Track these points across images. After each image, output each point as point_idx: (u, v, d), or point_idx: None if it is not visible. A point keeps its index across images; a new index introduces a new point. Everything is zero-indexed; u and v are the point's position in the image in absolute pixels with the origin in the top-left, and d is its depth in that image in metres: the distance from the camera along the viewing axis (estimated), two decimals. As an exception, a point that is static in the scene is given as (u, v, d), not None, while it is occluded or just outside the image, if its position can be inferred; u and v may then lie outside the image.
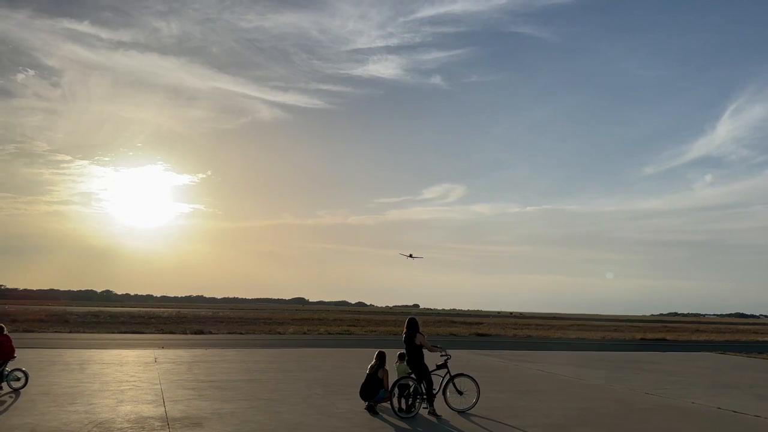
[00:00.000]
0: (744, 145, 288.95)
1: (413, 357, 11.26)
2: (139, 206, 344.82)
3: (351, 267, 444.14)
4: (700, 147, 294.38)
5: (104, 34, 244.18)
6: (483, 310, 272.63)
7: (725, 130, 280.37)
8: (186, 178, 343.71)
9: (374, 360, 11.94)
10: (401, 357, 12.01)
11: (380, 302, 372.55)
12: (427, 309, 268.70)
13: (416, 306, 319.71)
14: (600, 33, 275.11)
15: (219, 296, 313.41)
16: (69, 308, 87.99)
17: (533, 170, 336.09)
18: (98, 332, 35.64)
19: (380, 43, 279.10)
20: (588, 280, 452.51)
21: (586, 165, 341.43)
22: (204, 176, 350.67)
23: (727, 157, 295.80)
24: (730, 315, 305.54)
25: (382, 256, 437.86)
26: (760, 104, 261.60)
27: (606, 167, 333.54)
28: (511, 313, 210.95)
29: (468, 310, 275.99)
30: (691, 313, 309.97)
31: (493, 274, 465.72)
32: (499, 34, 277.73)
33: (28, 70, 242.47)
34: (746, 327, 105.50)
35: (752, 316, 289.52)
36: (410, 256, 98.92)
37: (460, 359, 21.16)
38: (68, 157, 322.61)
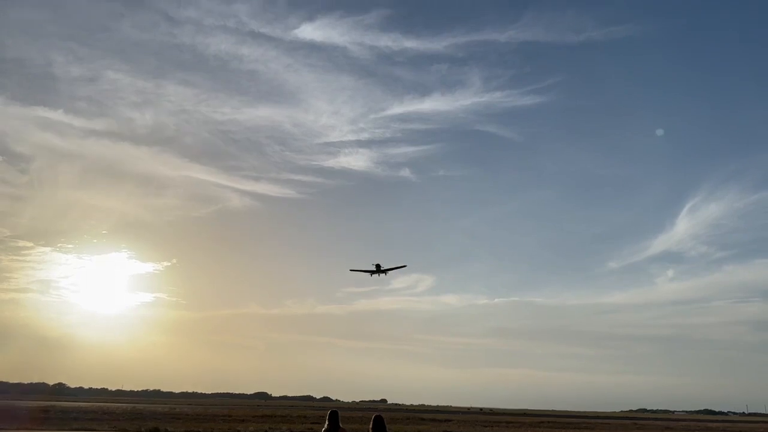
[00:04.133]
0: (702, 242, 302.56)
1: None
2: (100, 294, 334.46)
3: (317, 359, 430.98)
4: (661, 243, 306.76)
5: (77, 122, 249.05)
6: (452, 405, 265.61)
7: (684, 227, 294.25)
8: (150, 266, 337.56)
9: (326, 424, 11.74)
10: None
11: (346, 397, 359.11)
12: (395, 404, 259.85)
13: (384, 401, 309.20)
14: (559, 134, 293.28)
15: (177, 390, 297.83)
16: (17, 403, 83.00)
17: (500, 262, 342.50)
18: (47, 429, 34.27)
19: (352, 137, 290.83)
20: (556, 375, 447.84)
21: (552, 258, 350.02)
22: (169, 264, 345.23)
23: (687, 253, 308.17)
24: (699, 411, 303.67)
25: (350, 347, 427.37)
26: (715, 203, 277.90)
27: (571, 261, 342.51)
28: (480, 409, 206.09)
29: (437, 406, 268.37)
30: (660, 410, 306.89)
31: (463, 367, 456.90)
32: (465, 132, 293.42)
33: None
34: (716, 425, 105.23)
35: (721, 412, 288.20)
36: (378, 270, 79.45)
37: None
38: (30, 244, 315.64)
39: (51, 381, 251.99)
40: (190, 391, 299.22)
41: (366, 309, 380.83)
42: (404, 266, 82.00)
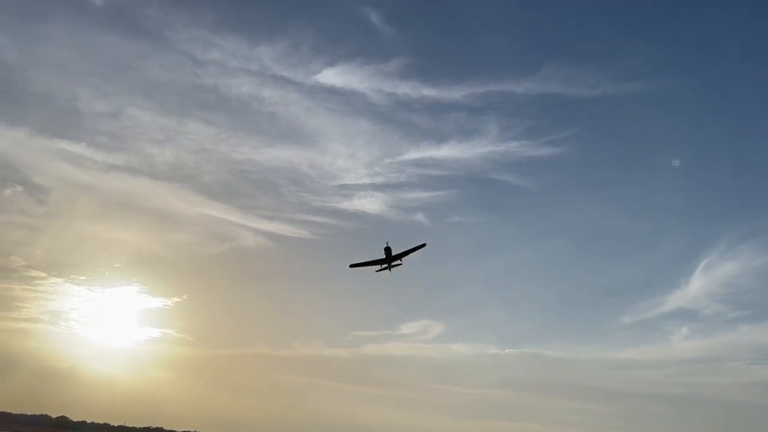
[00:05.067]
0: (717, 301, 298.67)
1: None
2: (108, 328, 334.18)
3: (323, 403, 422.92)
4: (675, 300, 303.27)
5: (98, 156, 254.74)
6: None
7: (698, 285, 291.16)
8: (160, 302, 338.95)
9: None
10: None
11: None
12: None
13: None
14: (574, 185, 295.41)
15: (179, 429, 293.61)
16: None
17: (512, 312, 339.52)
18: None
19: (367, 181, 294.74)
20: (566, 431, 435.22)
21: (564, 310, 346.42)
22: (179, 300, 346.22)
23: (702, 311, 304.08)
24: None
25: (357, 393, 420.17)
26: (731, 262, 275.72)
27: (583, 314, 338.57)
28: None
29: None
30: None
31: (471, 419, 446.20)
32: (480, 180, 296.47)
33: (17, 186, 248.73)
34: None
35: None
36: (388, 260, 65.63)
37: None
38: (43, 274, 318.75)
39: (54, 414, 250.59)
40: (192, 430, 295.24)
41: (374, 354, 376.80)
42: (423, 245, 68.53)
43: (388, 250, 64.94)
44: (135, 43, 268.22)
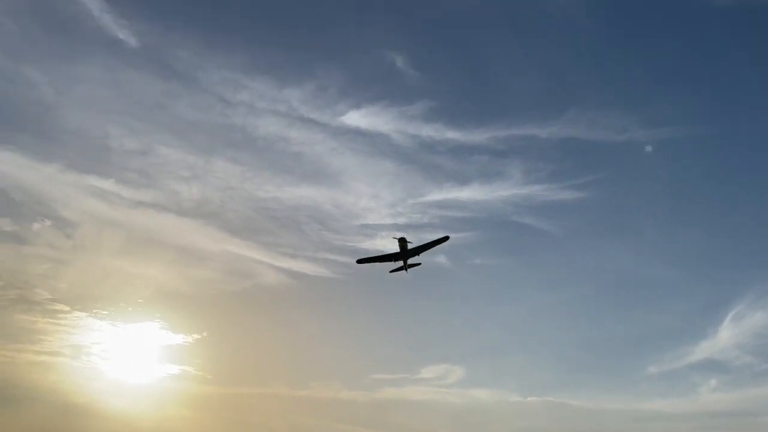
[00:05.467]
0: (747, 352, 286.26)
1: None
2: (129, 364, 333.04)
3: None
4: (703, 350, 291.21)
5: (126, 192, 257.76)
6: None
7: (727, 335, 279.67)
8: (180, 338, 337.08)
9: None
10: None
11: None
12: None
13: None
14: (599, 230, 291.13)
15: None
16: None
17: (535, 358, 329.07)
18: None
19: (389, 221, 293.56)
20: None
21: (588, 359, 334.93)
22: (199, 337, 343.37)
23: (732, 362, 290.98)
24: None
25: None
26: (762, 311, 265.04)
27: (607, 363, 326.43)
28: None
29: None
30: None
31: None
32: (503, 223, 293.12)
33: (45, 220, 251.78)
34: None
35: None
36: (403, 255, 55.11)
37: None
38: (66, 308, 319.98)
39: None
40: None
41: (392, 398, 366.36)
42: (445, 238, 55.13)
43: (403, 242, 52.45)
44: (167, 84, 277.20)
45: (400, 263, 59.61)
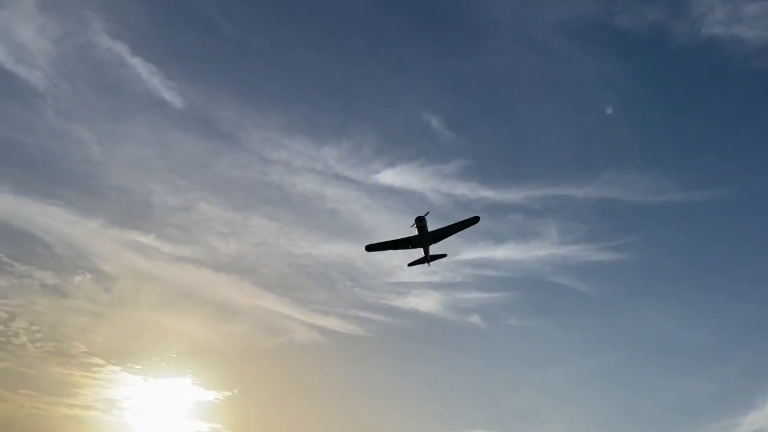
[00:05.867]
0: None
1: None
2: (158, 420, 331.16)
3: None
4: (752, 421, 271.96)
5: (166, 248, 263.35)
6: None
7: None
8: (211, 395, 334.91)
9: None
10: None
11: None
12: None
13: None
14: (638, 292, 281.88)
15: None
16: None
17: (571, 425, 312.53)
18: None
19: (422, 279, 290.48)
20: None
21: (628, 427, 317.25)
22: (230, 394, 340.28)
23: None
24: None
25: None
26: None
27: None
28: None
29: None
30: None
31: None
32: (538, 283, 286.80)
33: (86, 273, 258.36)
34: None
35: None
36: (423, 246, 44.48)
37: None
38: (102, 362, 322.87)
39: None
40: None
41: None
42: (475, 219, 42.23)
43: (421, 223, 38.52)
44: (210, 143, 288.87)
45: (421, 253, 48.23)
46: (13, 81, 67.87)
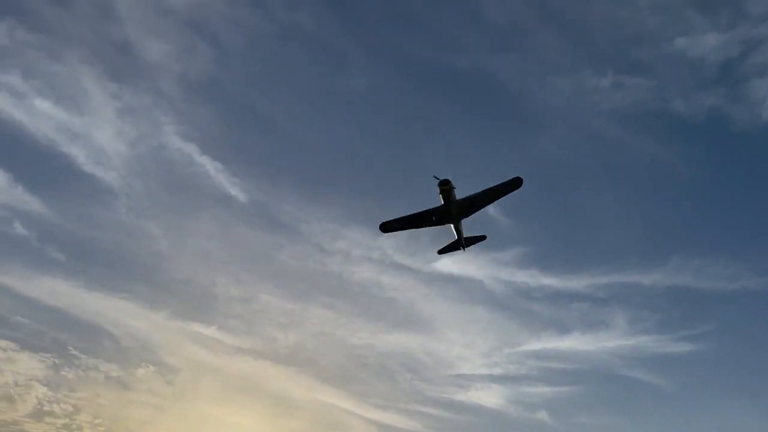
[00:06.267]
0: None
1: None
2: None
3: None
4: None
5: (228, 339, 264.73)
6: None
7: None
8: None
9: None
10: None
11: None
12: None
13: None
14: (717, 387, 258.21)
15: None
16: None
17: None
18: None
19: (485, 371, 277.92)
20: None
21: None
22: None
23: None
24: None
25: None
26: None
27: None
28: None
29: None
30: None
31: None
32: (609, 376, 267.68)
33: (150, 366, 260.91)
34: None
35: None
36: (455, 226, 35.73)
37: None
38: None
39: None
40: None
41: None
42: (518, 181, 34.83)
43: (446, 186, 31.19)
44: (272, 236, 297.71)
45: (451, 234, 35.94)
46: (91, 181, 72.76)
